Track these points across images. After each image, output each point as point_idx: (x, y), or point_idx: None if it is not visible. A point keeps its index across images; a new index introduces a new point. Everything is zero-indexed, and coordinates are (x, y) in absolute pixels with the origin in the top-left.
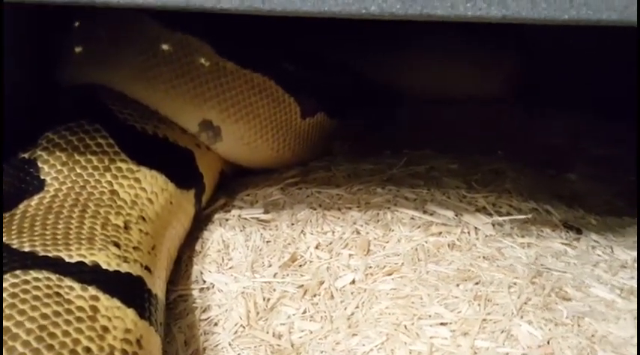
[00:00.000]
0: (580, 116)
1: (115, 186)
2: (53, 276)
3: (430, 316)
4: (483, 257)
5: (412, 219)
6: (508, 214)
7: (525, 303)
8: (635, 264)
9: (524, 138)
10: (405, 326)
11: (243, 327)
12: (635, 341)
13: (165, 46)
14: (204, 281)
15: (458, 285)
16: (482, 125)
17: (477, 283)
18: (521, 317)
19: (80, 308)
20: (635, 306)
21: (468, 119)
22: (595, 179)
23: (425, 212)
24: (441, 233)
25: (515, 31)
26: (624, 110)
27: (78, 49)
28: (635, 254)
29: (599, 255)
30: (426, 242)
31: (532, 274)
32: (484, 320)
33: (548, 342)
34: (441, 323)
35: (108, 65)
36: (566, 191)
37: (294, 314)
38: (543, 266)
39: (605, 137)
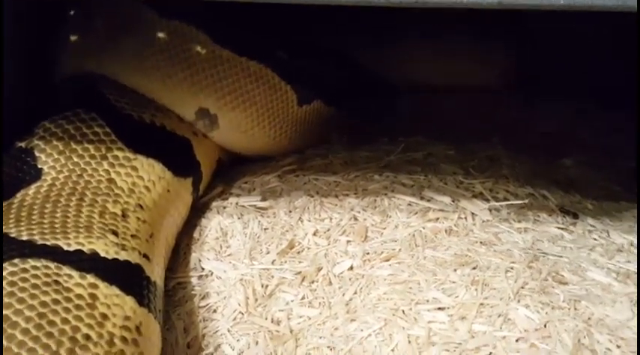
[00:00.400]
0: (576, 105)
1: (113, 175)
2: (51, 265)
3: (428, 301)
4: (480, 242)
5: (409, 205)
6: (505, 200)
7: (522, 287)
8: (632, 248)
9: (521, 127)
10: (403, 311)
11: (242, 314)
12: (631, 323)
13: (161, 35)
14: (203, 269)
15: (455, 270)
16: (480, 114)
17: (474, 268)
18: (518, 301)
19: (79, 296)
20: (631, 290)
21: (466, 109)
22: (591, 165)
23: (422, 198)
24: (438, 219)
25: (514, 21)
26: (620, 99)
27: (74, 38)
28: (631, 238)
29: (595, 239)
30: (424, 228)
31: (529, 259)
32: (481, 304)
33: (545, 326)
34: (439, 308)
35: (104, 54)
36: (563, 176)
37: (292, 301)
38: (540, 251)
39: (601, 125)
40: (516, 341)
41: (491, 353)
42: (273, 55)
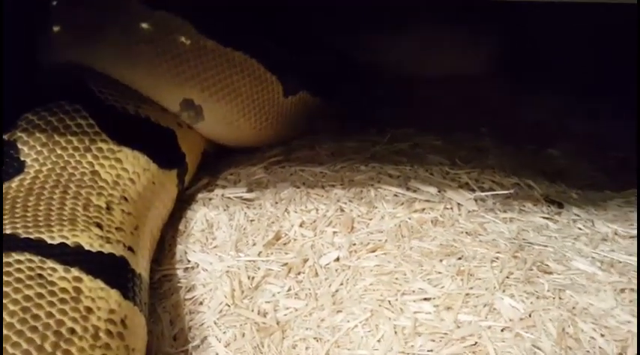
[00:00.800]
0: (562, 93)
1: (97, 167)
2: (35, 258)
3: (414, 291)
4: (466, 232)
5: (395, 195)
6: (490, 190)
7: (507, 277)
8: (616, 237)
9: (507, 115)
10: (389, 302)
11: (229, 306)
12: (615, 312)
13: (145, 25)
14: (189, 261)
15: (441, 261)
16: (466, 102)
17: (459, 258)
18: (504, 290)
19: (63, 290)
20: (615, 278)
21: (452, 97)
22: (576, 154)
23: (408, 189)
24: (424, 209)
25: (502, 10)
26: (607, 88)
27: (57, 29)
28: (615, 227)
29: (580, 229)
30: (410, 218)
31: (514, 248)
32: (467, 294)
33: (529, 315)
34: (425, 299)
35: (87, 44)
36: (548, 166)
37: (278, 292)
38: (525, 241)
39: (587, 115)
40: (501, 330)
41: (476, 342)
42: (258, 45)
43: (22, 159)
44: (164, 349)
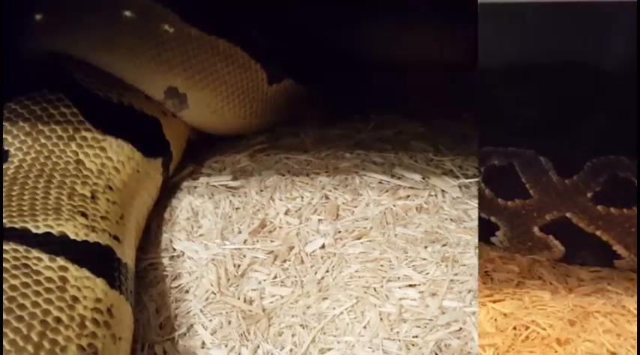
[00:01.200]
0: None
1: (81, 156)
2: (20, 248)
3: (399, 278)
4: (450, 219)
5: (380, 183)
6: (474, 176)
7: None
8: None
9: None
10: (375, 289)
11: (214, 294)
12: None
13: (128, 13)
14: (174, 249)
15: (426, 247)
16: (448, 90)
17: (444, 245)
18: None
19: (49, 279)
20: None
21: (434, 84)
22: None
23: (393, 176)
24: (408, 196)
25: None
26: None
27: (39, 16)
28: None
29: None
30: (394, 205)
31: None
32: (451, 280)
33: None
34: (410, 285)
35: (70, 32)
36: None
37: (264, 280)
38: None
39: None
40: None
41: (461, 328)
42: (242, 33)
43: (5, 148)
44: (150, 337)
